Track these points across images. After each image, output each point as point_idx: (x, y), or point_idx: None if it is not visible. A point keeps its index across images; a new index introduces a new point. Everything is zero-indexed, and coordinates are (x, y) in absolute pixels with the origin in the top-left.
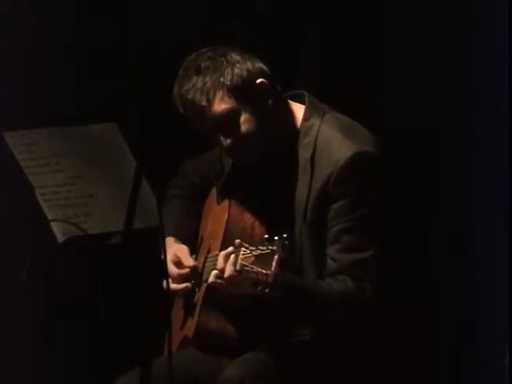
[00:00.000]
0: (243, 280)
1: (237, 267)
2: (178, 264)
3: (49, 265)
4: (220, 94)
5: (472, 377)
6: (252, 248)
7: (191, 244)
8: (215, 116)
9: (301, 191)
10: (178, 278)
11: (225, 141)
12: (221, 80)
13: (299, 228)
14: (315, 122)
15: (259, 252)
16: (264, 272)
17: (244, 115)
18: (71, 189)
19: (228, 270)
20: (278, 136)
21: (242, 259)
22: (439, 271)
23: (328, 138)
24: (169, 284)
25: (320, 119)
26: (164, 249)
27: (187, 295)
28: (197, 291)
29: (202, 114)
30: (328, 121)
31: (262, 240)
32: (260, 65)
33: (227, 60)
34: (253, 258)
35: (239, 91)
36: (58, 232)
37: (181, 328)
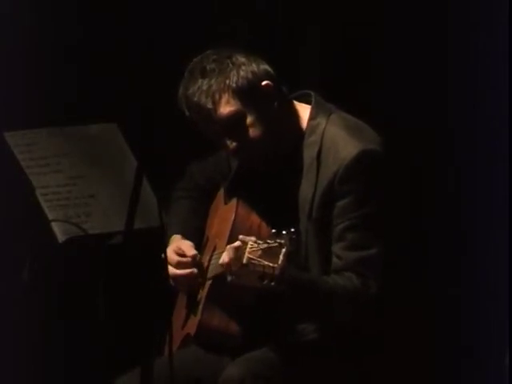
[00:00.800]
0: (250, 273)
1: (243, 260)
2: (180, 255)
3: (49, 265)
4: (226, 97)
5: (472, 377)
6: (259, 241)
7: (197, 243)
8: (221, 119)
9: (307, 189)
10: (178, 266)
11: (231, 144)
12: (226, 82)
13: (305, 226)
14: (321, 121)
15: (266, 245)
16: (271, 265)
17: (250, 117)
18: (72, 189)
19: (234, 264)
20: (284, 137)
21: (249, 252)
22: (439, 271)
23: (334, 137)
24: (169, 284)
25: (326, 118)
26: (165, 249)
27: (190, 293)
28: (200, 290)
29: (208, 117)
30: (334, 120)
31: (270, 234)
32: (265, 66)
33: (232, 62)
34: (260, 252)
35: (245, 93)
36: (59, 232)
37: (182, 327)
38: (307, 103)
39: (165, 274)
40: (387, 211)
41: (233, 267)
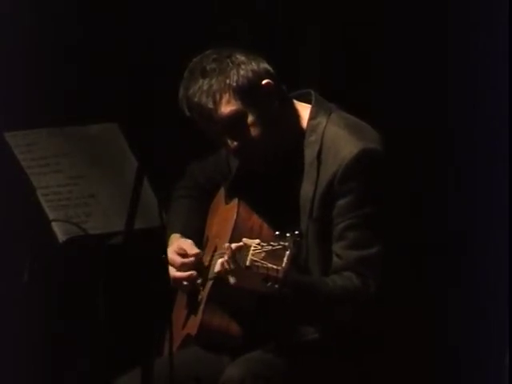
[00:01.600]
0: (253, 275)
1: (247, 262)
2: (183, 255)
3: (49, 265)
4: (226, 96)
5: (472, 377)
6: (263, 244)
7: (196, 242)
8: (222, 118)
9: (307, 189)
10: (182, 267)
11: (232, 143)
12: (227, 82)
13: (305, 225)
14: (321, 120)
15: (270, 248)
16: (275, 268)
17: (250, 117)
18: (73, 189)
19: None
20: (285, 136)
21: (253, 254)
22: (439, 271)
23: (334, 136)
24: (169, 283)
25: (326, 117)
26: (165, 249)
27: (191, 293)
28: (201, 290)
29: (209, 117)
30: (334, 119)
31: (274, 236)
32: (265, 65)
33: (232, 61)
34: (263, 254)
35: (245, 93)
36: (59, 232)
37: (182, 327)
38: (307, 102)
39: (165, 275)
40: (387, 211)
41: (234, 268)
